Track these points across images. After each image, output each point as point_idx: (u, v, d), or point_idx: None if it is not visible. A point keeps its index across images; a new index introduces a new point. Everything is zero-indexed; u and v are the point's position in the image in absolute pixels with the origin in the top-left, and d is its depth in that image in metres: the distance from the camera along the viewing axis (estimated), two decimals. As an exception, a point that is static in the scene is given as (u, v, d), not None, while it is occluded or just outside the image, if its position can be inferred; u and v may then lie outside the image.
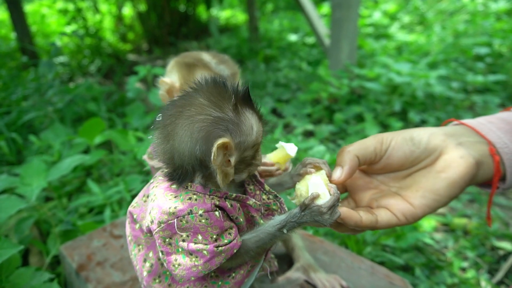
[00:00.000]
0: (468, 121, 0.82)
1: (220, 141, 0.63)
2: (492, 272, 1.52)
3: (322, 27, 3.61)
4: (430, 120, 2.75)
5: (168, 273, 0.80)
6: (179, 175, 0.69)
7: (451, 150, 0.75)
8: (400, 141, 0.77)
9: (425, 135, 0.77)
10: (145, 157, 1.13)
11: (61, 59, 4.41)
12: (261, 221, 0.77)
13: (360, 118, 2.90)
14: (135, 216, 0.80)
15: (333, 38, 3.14)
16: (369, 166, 0.83)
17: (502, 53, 3.67)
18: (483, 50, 3.38)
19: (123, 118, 2.64)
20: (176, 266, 0.70)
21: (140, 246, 0.82)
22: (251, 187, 0.80)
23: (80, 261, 1.25)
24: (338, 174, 0.78)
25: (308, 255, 1.15)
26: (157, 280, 0.80)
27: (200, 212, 0.68)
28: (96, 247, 1.31)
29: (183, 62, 1.06)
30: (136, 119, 2.44)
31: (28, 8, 6.45)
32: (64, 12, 5.28)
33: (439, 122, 2.77)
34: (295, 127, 2.84)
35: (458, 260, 1.53)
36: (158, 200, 0.71)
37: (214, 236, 0.69)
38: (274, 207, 0.79)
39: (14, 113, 2.27)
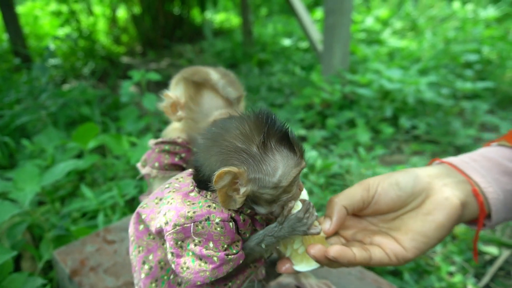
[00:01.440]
0: (453, 160, 0.84)
1: (226, 169, 0.67)
2: (478, 277, 1.56)
3: (315, 32, 3.66)
4: (421, 126, 2.80)
5: (165, 277, 0.81)
6: (204, 182, 0.74)
7: (437, 192, 0.78)
8: (386, 186, 0.80)
9: (410, 179, 0.79)
10: (138, 165, 1.15)
11: (54, 61, 4.39)
12: None
13: (352, 124, 2.94)
14: (143, 217, 0.82)
15: (326, 43, 3.18)
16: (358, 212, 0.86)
17: (491, 60, 3.74)
18: (472, 57, 3.45)
19: (116, 122, 2.64)
20: (185, 269, 0.73)
21: (141, 248, 0.84)
22: None
23: (73, 266, 1.25)
24: (327, 226, 0.80)
25: None
26: (153, 284, 0.82)
27: (217, 220, 0.71)
28: (89, 252, 1.32)
29: (190, 80, 1.06)
30: (129, 123, 2.45)
31: (20, 9, 6.40)
32: (57, 14, 5.26)
33: (430, 128, 2.82)
34: (288, 131, 2.87)
35: (445, 265, 1.57)
36: (175, 204, 0.74)
37: (225, 246, 0.73)
38: None
39: (7, 117, 2.27)
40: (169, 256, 0.75)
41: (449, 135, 2.70)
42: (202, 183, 0.75)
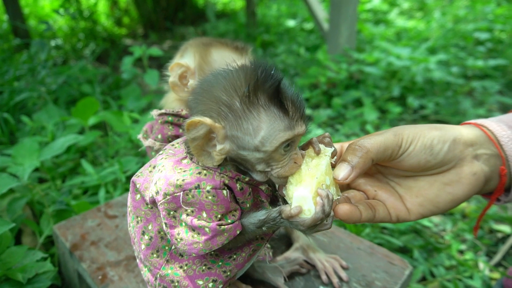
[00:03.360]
0: (493, 127, 0.74)
1: (198, 119, 0.60)
2: (490, 255, 1.52)
3: (321, 11, 3.55)
4: (429, 106, 2.73)
5: (167, 248, 0.77)
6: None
7: (466, 164, 0.70)
8: (418, 148, 0.70)
9: (445, 146, 0.69)
10: (140, 136, 1.10)
11: (55, 42, 4.32)
12: (270, 207, 0.74)
13: (358, 103, 2.87)
14: (138, 186, 0.77)
15: (332, 22, 3.09)
16: None
17: (502, 39, 3.64)
18: (483, 36, 3.35)
19: (118, 101, 2.59)
20: (179, 240, 0.68)
21: (139, 218, 0.79)
22: None
23: (73, 241, 1.22)
24: (345, 174, 0.68)
25: (305, 237, 1.13)
26: (154, 255, 0.78)
27: (208, 188, 0.65)
28: (90, 227, 1.28)
29: (199, 42, 1.01)
30: (131, 101, 2.40)
31: (20, -10, 6.29)
32: (57, -6, 5.17)
33: (438, 108, 2.75)
34: (293, 111, 2.81)
35: (456, 243, 1.53)
36: (165, 171, 0.68)
37: (219, 216, 0.66)
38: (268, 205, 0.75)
39: (6, 94, 2.22)
40: (164, 226, 0.70)
41: (458, 115, 2.63)
42: None
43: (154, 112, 1.07)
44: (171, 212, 0.68)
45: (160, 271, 0.77)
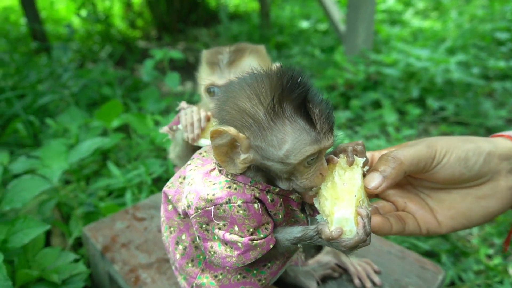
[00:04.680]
0: None
1: (223, 128, 0.59)
2: (519, 260, 1.49)
3: (337, 12, 3.54)
4: (449, 107, 2.70)
5: (201, 257, 0.78)
6: None
7: (502, 178, 0.69)
8: (453, 160, 0.68)
9: (480, 159, 0.68)
10: (166, 129, 1.06)
11: (73, 45, 4.39)
12: (301, 215, 0.74)
13: (376, 105, 2.85)
14: (170, 197, 0.78)
15: (349, 22, 3.07)
16: None
17: (522, 39, 3.58)
18: (503, 36, 3.30)
19: (137, 103, 2.61)
20: (212, 253, 0.68)
21: (172, 228, 0.80)
22: None
23: (104, 243, 1.23)
24: (377, 184, 0.66)
25: None
26: (190, 264, 0.78)
27: (239, 202, 0.64)
28: (119, 229, 1.30)
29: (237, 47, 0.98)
30: (151, 103, 2.42)
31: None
32: (73, -3, 5.24)
33: (459, 109, 2.71)
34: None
35: (484, 247, 1.50)
36: (196, 184, 0.68)
37: (251, 230, 0.66)
38: (301, 217, 0.74)
39: (30, 97, 2.26)
40: (197, 239, 0.71)
41: (479, 116, 2.59)
42: None
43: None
44: (204, 226, 0.68)
45: (196, 280, 0.78)
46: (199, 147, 0.98)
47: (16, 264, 1.06)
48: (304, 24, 5.25)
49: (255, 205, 0.65)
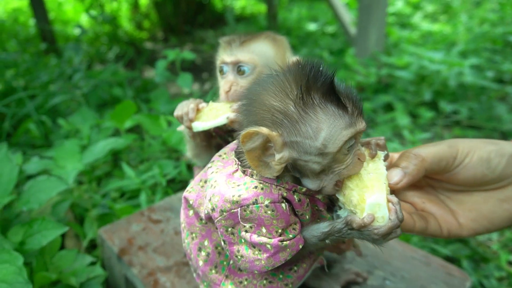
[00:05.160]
0: None
1: (254, 129, 0.57)
2: (541, 266, 1.46)
3: (347, 15, 3.53)
4: (463, 111, 2.67)
5: (225, 263, 0.75)
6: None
7: None
8: (475, 161, 0.67)
9: (503, 160, 0.67)
10: (183, 127, 1.03)
11: (82, 46, 4.39)
12: (328, 216, 0.71)
13: (388, 108, 2.82)
14: (191, 202, 0.75)
15: (360, 25, 3.06)
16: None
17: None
18: (516, 39, 3.27)
19: (148, 104, 2.60)
20: (239, 257, 0.66)
21: (194, 235, 0.77)
22: None
23: (121, 245, 1.21)
24: (398, 179, 0.66)
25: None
26: (213, 271, 0.76)
27: (266, 202, 0.62)
28: (135, 232, 1.28)
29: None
30: (162, 104, 2.40)
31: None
32: (81, -1, 5.25)
33: (472, 113, 2.68)
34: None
35: (504, 253, 1.47)
36: (219, 187, 0.65)
37: (279, 230, 0.63)
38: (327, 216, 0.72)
39: (41, 97, 2.25)
40: (222, 244, 0.68)
41: (493, 120, 2.56)
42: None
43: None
44: (229, 229, 0.65)
45: (220, 287, 0.75)
46: (211, 144, 0.96)
47: (34, 267, 1.04)
48: (312, 27, 5.24)
49: (283, 204, 0.63)
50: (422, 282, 1.03)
